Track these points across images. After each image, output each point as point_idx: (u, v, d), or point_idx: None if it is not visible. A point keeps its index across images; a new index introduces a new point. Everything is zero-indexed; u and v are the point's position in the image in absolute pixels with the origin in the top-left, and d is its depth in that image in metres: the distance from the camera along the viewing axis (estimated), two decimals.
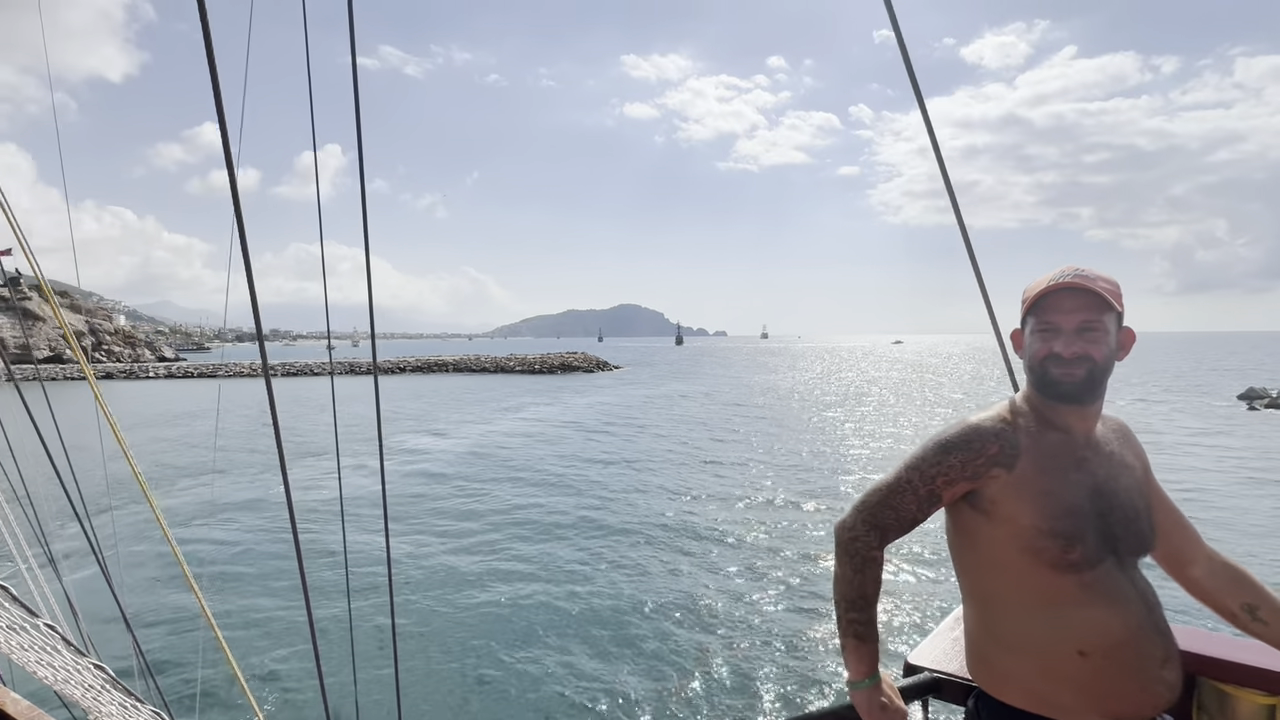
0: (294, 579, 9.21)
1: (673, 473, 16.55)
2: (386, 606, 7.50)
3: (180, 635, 7.68)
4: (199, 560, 10.18)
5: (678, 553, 10.41)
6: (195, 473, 17.63)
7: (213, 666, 6.68)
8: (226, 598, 8.85)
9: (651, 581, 9.18)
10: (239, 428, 25.82)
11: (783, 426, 25.21)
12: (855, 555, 1.23)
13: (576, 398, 39.04)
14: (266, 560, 10.39)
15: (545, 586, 8.97)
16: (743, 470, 16.78)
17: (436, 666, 6.94)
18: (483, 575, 9.51)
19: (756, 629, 7.61)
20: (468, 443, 22.18)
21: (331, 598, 8.35)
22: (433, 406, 34.91)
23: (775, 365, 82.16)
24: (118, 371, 68.31)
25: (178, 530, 11.99)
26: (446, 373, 67.30)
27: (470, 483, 15.85)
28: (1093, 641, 1.13)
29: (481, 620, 8.01)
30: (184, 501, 14.55)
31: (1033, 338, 1.21)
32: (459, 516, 12.74)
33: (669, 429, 24.84)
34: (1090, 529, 1.14)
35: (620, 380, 54.75)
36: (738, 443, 21.18)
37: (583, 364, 70.51)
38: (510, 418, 29.08)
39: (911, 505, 1.21)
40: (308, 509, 13.21)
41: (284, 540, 11.11)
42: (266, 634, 7.84)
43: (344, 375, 63.84)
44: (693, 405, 33.63)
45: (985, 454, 1.17)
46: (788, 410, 31.02)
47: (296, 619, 8.12)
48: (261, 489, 15.13)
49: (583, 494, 14.47)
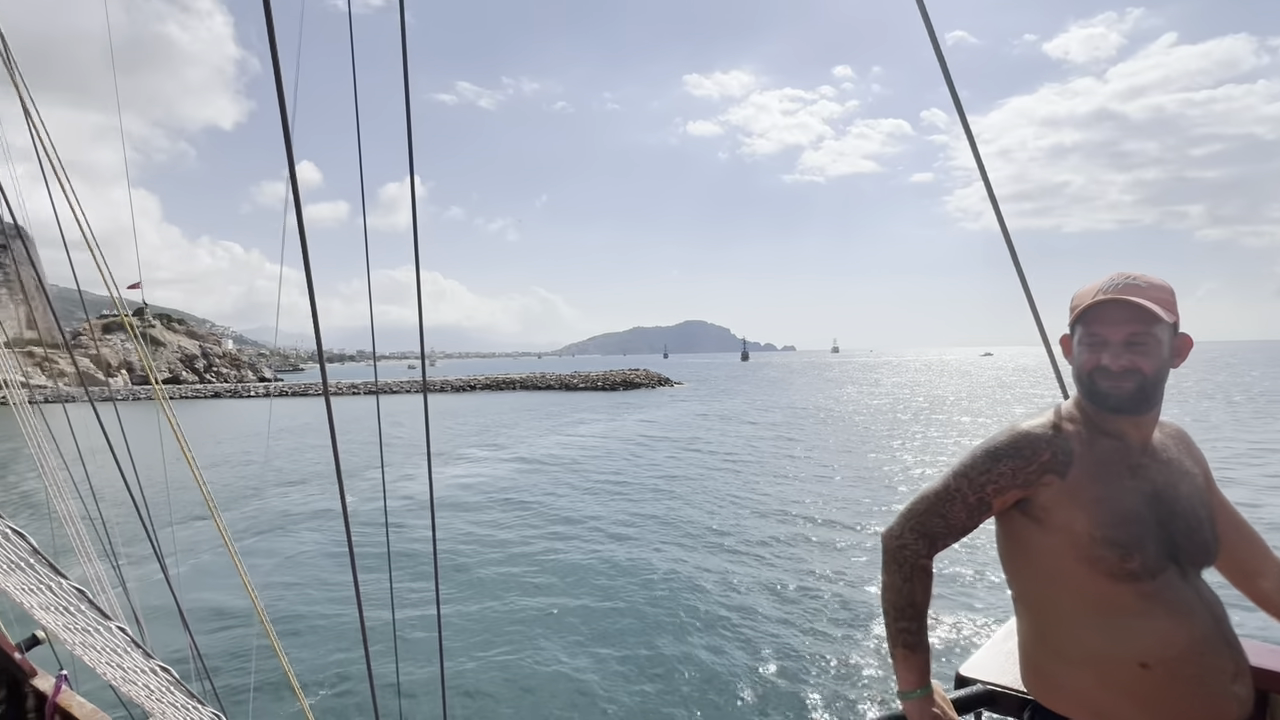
0: (348, 589, 9.72)
1: (720, 488, 16.69)
2: (434, 613, 8.16)
3: (235, 639, 8.09)
4: (258, 569, 10.76)
5: (720, 563, 10.52)
6: (275, 482, 19.43)
7: (266, 673, 6.87)
8: (281, 603, 9.41)
9: (696, 592, 9.26)
10: (317, 441, 28.12)
11: (840, 442, 24.72)
12: (904, 564, 1.22)
13: (634, 414, 39.64)
14: (322, 567, 11.15)
15: (583, 596, 9.18)
16: (786, 485, 16.74)
17: (481, 673, 7.14)
18: (522, 584, 9.94)
19: (805, 639, 7.62)
20: (521, 456, 23.13)
21: (380, 605, 8.93)
22: (494, 422, 36.39)
23: (843, 380, 79.91)
24: (225, 390, 75.12)
25: (246, 541, 13.15)
26: (514, 390, 69.81)
27: (520, 494, 16.62)
28: (1155, 653, 1.09)
29: (524, 628, 8.24)
30: (258, 509, 15.97)
31: (1080, 348, 1.18)
32: (504, 527, 13.39)
33: (718, 445, 24.91)
34: (1150, 537, 1.10)
35: (680, 397, 54.98)
36: (788, 459, 21.03)
37: (645, 380, 71.32)
38: (565, 433, 29.92)
39: (961, 513, 1.19)
40: (364, 520, 14.11)
41: (343, 549, 11.84)
42: (316, 637, 8.30)
43: (415, 394, 67.42)
44: (746, 421, 33.47)
45: (1037, 460, 1.15)
46: (846, 426, 30.31)
47: (346, 624, 8.50)
48: (331, 499, 16.52)
49: (628, 508, 14.92)
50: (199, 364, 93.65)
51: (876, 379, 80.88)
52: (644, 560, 10.80)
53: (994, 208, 1.95)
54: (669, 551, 11.33)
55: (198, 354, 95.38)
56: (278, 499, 17.21)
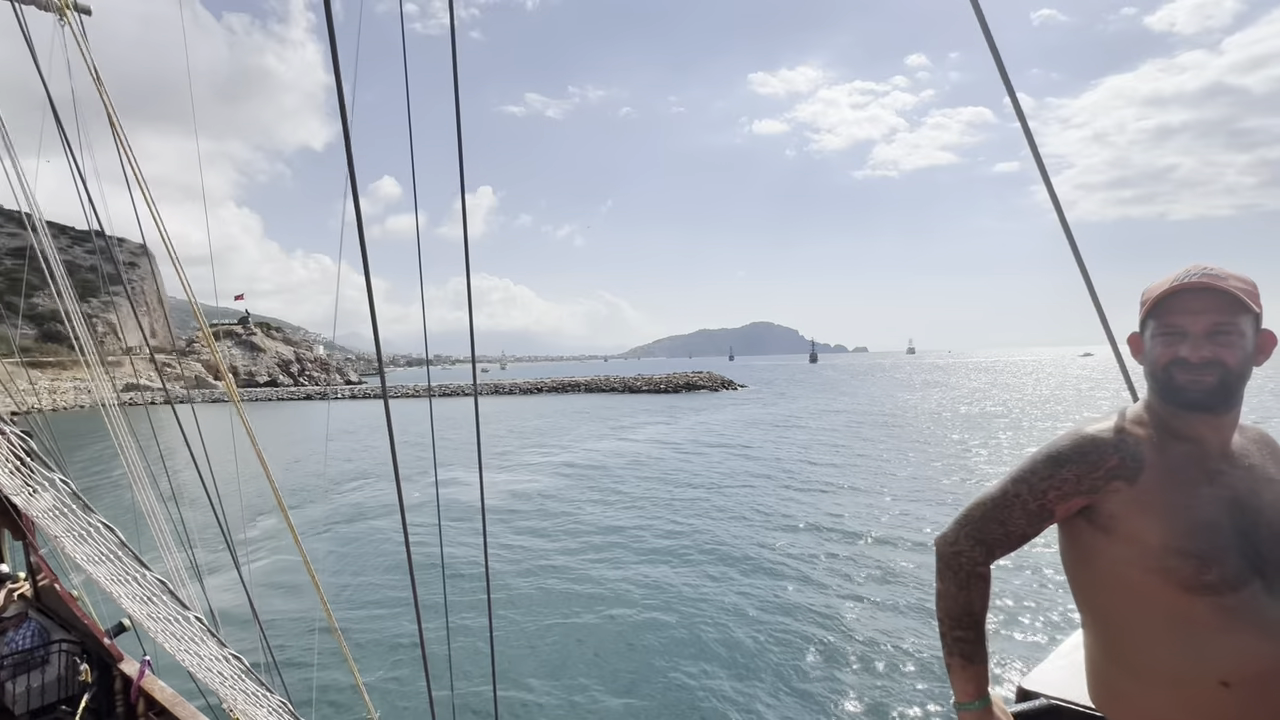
0: (406, 587, 9.90)
1: (763, 496, 16.74)
2: (492, 612, 8.66)
3: (299, 635, 8.41)
4: (325, 566, 11.20)
5: (758, 570, 10.57)
6: (344, 479, 21.12)
7: (327, 668, 7.10)
8: (345, 598, 9.88)
9: (740, 599, 9.18)
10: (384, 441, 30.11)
11: (902, 448, 24.13)
12: (959, 571, 1.19)
13: (691, 417, 39.91)
14: (383, 561, 11.80)
15: (623, 604, 9.24)
16: (832, 493, 16.66)
17: (533, 676, 7.26)
18: (564, 587, 10.23)
19: (854, 647, 7.55)
20: (572, 460, 23.91)
21: (438, 607, 8.83)
22: (554, 425, 37.59)
23: (916, 383, 76.86)
24: (315, 393, 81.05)
25: (316, 534, 14.16)
26: (579, 393, 71.55)
27: (565, 498, 17.32)
28: (1238, 672, 1.02)
29: (571, 629, 8.43)
30: (328, 504, 17.21)
31: (1154, 342, 1.11)
32: (544, 535, 13.80)
33: (770, 451, 24.82)
34: (1230, 548, 1.03)
35: (740, 400, 54.72)
36: (844, 466, 20.78)
37: (707, 383, 71.31)
38: (619, 437, 30.50)
39: (1020, 520, 1.15)
40: (422, 517, 14.80)
41: (420, 545, 12.54)
42: (378, 633, 8.62)
43: (488, 395, 70.36)
44: (804, 426, 33.08)
45: (1103, 466, 1.09)
46: (912, 431, 29.44)
47: (408, 624, 8.65)
48: (393, 495, 17.85)
49: (667, 514, 15.29)
50: (293, 368, 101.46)
51: (954, 380, 77.31)
52: (677, 569, 11.00)
53: (1052, 200, 1.80)
54: (704, 560, 11.50)
55: (292, 359, 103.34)
56: (346, 494, 18.56)
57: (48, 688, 4.54)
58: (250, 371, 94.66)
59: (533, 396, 68.52)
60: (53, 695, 4.52)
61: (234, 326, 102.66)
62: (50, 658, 4.64)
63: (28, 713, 4.51)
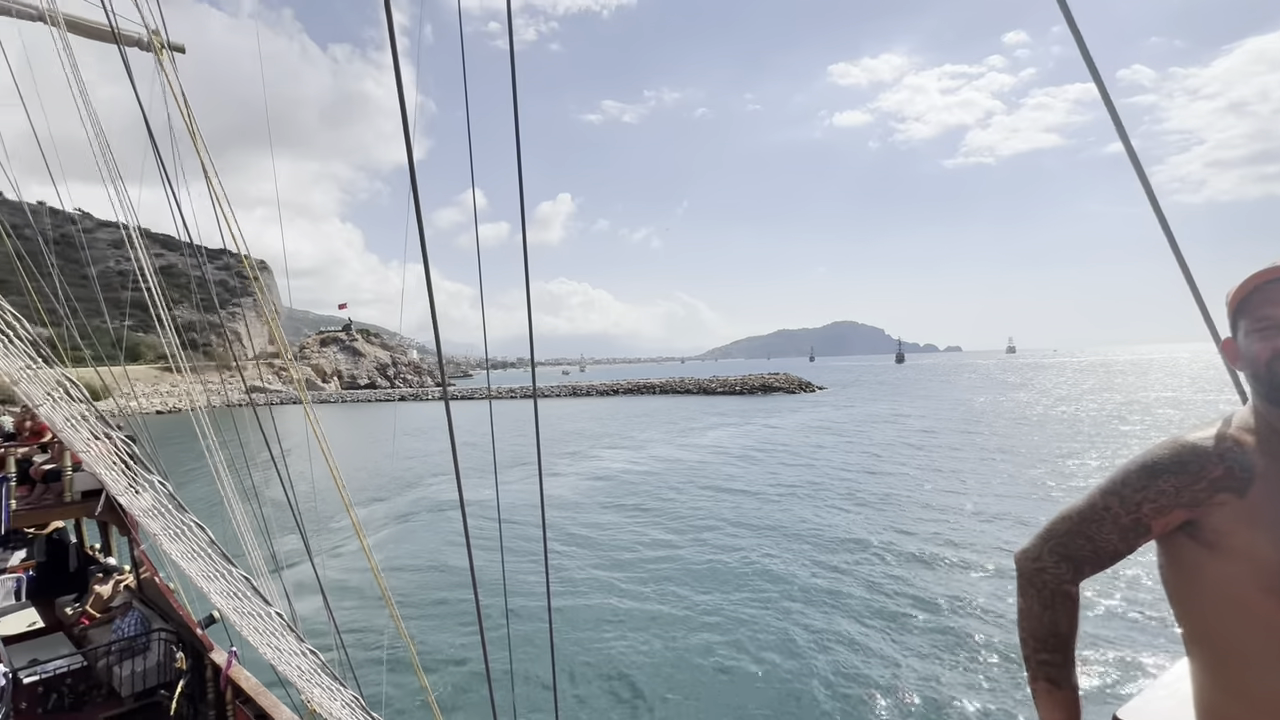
0: (470, 586, 10.89)
1: (830, 504, 16.65)
2: (555, 613, 8.42)
3: (371, 632, 8.77)
4: (393, 565, 11.69)
5: (818, 581, 10.56)
6: (417, 478, 22.84)
7: (396, 669, 7.37)
8: (411, 597, 10.30)
9: (793, 622, 9.04)
10: (468, 440, 32.07)
11: (988, 457, 23.12)
12: (1042, 588, 1.10)
13: (764, 419, 39.74)
14: (453, 563, 12.36)
15: (673, 616, 9.29)
16: (904, 505, 16.35)
17: (593, 678, 7.44)
18: (622, 584, 10.62)
19: (922, 665, 7.37)
20: (636, 460, 24.64)
21: (496, 593, 8.96)
22: (626, 426, 38.58)
23: (1011, 384, 72.08)
24: (408, 395, 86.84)
25: (391, 529, 15.02)
26: (653, 394, 72.58)
27: (629, 496, 18.10)
28: None
29: (630, 633, 8.61)
30: (402, 501, 18.45)
31: (1249, 340, 1.04)
32: (605, 528, 14.40)
33: (840, 457, 24.40)
34: None
35: (818, 402, 53.66)
36: (917, 474, 20.30)
37: (784, 385, 70.32)
38: (688, 439, 30.88)
39: (1112, 535, 1.07)
40: (486, 516, 15.55)
41: (485, 543, 12.41)
42: (443, 629, 8.99)
43: (569, 397, 72.78)
44: (883, 430, 32.19)
45: (1207, 477, 1.01)
46: (998, 437, 28.13)
47: (471, 622, 8.93)
48: (472, 494, 18.66)
49: (727, 515, 15.72)
50: (389, 371, 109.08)
51: (1055, 381, 71.91)
52: (737, 572, 11.26)
53: (1142, 182, 1.69)
54: (756, 570, 11.70)
55: (389, 363, 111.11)
56: (417, 492, 19.88)
57: (149, 672, 5.06)
58: (352, 374, 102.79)
59: (608, 398, 70.22)
60: (153, 680, 5.04)
61: (338, 333, 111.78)
62: (151, 645, 5.18)
63: (132, 695, 5.00)
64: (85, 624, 5.99)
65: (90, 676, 5.18)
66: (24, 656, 5.21)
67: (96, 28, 5.63)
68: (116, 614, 5.73)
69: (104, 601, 6.12)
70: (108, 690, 5.13)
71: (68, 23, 5.54)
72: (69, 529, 8.05)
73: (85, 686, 5.10)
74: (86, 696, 5.05)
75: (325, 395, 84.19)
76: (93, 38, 5.76)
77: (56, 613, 6.42)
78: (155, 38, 5.41)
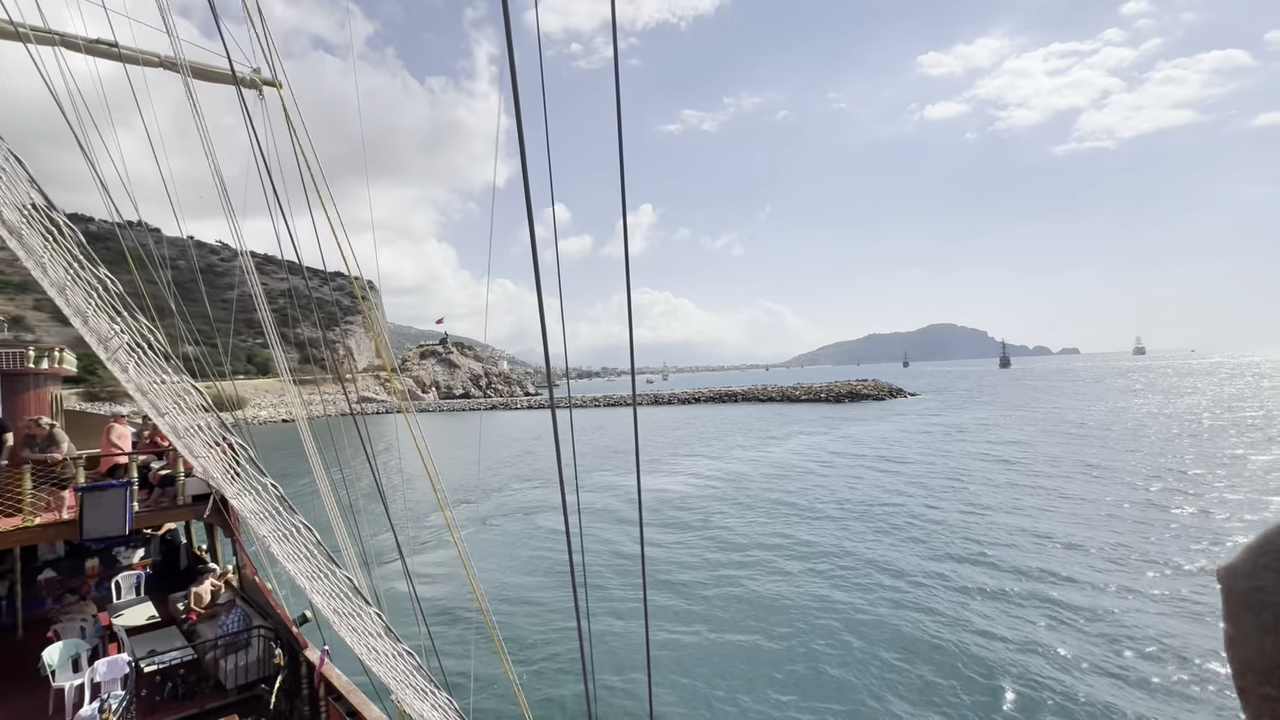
0: (558, 588, 10.90)
1: (907, 517, 16.10)
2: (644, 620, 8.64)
3: (459, 629, 8.94)
4: (483, 564, 12.07)
5: (897, 599, 10.27)
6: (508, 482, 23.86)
7: (486, 666, 7.52)
8: (503, 598, 10.63)
9: (875, 626, 8.97)
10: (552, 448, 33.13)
11: (1094, 468, 21.44)
12: (1262, 610, 0.91)
13: (848, 427, 38.47)
14: (546, 566, 12.76)
15: (750, 619, 9.33)
16: (990, 518, 15.56)
17: (688, 683, 7.52)
18: (712, 597, 10.65)
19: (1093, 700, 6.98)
20: (717, 468, 24.63)
21: (594, 613, 9.30)
22: (704, 432, 38.58)
23: (1136, 388, 65.31)
24: (500, 404, 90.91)
25: (479, 530, 15.70)
26: (735, 402, 71.76)
27: (689, 510, 18.04)
28: None
29: (727, 640, 8.70)
30: (492, 505, 19.43)
31: None
32: (659, 545, 14.42)
33: (927, 466, 23.34)
34: None
35: (909, 410, 51.09)
36: (1007, 486, 19.19)
37: (872, 392, 67.48)
38: (763, 449, 30.38)
39: None
40: (594, 514, 16.66)
41: (560, 549, 13.04)
42: (533, 631, 9.07)
43: (650, 405, 73.47)
44: (975, 439, 30.34)
45: None
46: (1110, 449, 25.80)
47: (561, 623, 9.08)
48: (553, 499, 19.56)
49: (793, 531, 15.46)
50: (482, 382, 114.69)
51: (1191, 386, 64.27)
52: (793, 590, 11.10)
53: None
54: (839, 576, 11.59)
55: (481, 374, 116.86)
56: (507, 496, 20.69)
57: (251, 667, 5.32)
58: (449, 385, 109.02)
59: (690, 406, 70.21)
60: (254, 674, 5.30)
61: (436, 347, 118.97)
62: (251, 641, 5.43)
63: (235, 687, 5.25)
64: (193, 618, 6.48)
65: (200, 668, 5.52)
66: (144, 647, 5.68)
67: (217, 72, 6.51)
68: (221, 610, 6.11)
69: (209, 599, 6.61)
70: (214, 682, 5.44)
71: (202, 72, 6.44)
72: (180, 530, 8.65)
73: (196, 677, 5.44)
74: (197, 687, 5.39)
75: (424, 405, 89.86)
76: (213, 80, 6.62)
77: (169, 607, 6.88)
78: (259, 78, 6.08)
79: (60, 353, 8.01)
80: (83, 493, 5.61)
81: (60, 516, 5.69)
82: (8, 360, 7.35)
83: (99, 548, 7.81)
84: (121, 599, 7.31)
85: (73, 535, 5.60)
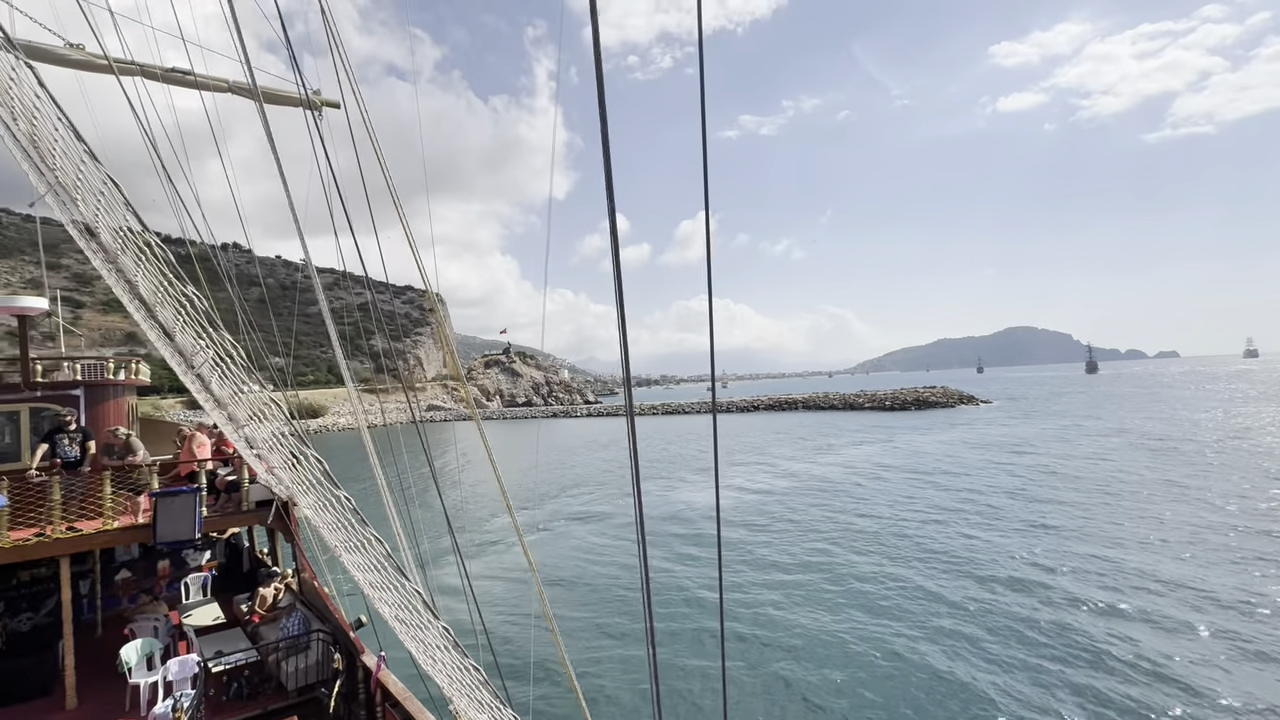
0: (621, 591, 10.87)
1: (956, 538, 15.26)
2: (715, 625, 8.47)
3: (519, 636, 8.90)
4: (545, 569, 12.11)
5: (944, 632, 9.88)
6: (564, 487, 24.03)
7: (546, 673, 7.49)
8: (563, 604, 10.60)
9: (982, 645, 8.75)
10: (615, 455, 33.33)
11: (1168, 484, 19.84)
12: None
13: (912, 436, 36.91)
14: (606, 572, 12.71)
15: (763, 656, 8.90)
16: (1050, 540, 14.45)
17: (760, 689, 7.52)
18: (760, 606, 10.54)
19: None
20: (747, 483, 23.81)
21: (660, 616, 9.21)
22: (760, 442, 37.77)
23: (1251, 395, 59.49)
24: (560, 412, 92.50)
25: (540, 536, 15.79)
26: (795, 410, 70.18)
27: (751, 519, 17.90)
28: None
29: (799, 650, 8.66)
30: (547, 511, 19.45)
31: None
32: (689, 560, 13.95)
33: (989, 479, 21.98)
34: None
35: (979, 418, 48.47)
36: (1075, 505, 17.96)
37: (940, 399, 64.49)
38: (815, 459, 29.34)
39: None
40: (659, 519, 16.56)
41: (628, 555, 13.00)
42: (596, 639, 9.00)
43: (704, 414, 72.86)
44: (1044, 451, 28.52)
45: None
46: (1197, 463, 23.61)
47: (625, 628, 9.03)
48: (624, 505, 19.59)
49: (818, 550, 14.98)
50: (543, 390, 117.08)
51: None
52: (839, 619, 10.48)
53: None
54: (896, 600, 11.26)
55: (543, 382, 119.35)
56: (561, 503, 20.73)
57: (310, 670, 5.38)
58: (511, 394, 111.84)
59: (749, 414, 69.17)
60: (313, 677, 5.37)
61: (499, 356, 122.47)
62: (311, 644, 5.52)
63: (296, 689, 5.30)
64: (256, 621, 6.64)
65: (262, 669, 5.64)
66: (211, 648, 5.86)
67: (289, 97, 6.82)
68: (282, 613, 6.24)
69: (270, 601, 6.80)
70: (275, 683, 5.55)
71: (273, 97, 6.79)
72: (243, 534, 8.92)
73: (259, 678, 5.56)
74: (260, 688, 5.50)
75: (489, 412, 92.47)
76: (283, 104, 6.95)
77: (234, 609, 7.08)
78: (317, 99, 6.27)
79: (136, 364, 8.42)
80: (156, 498, 5.85)
81: (136, 520, 5.94)
82: (90, 372, 7.79)
83: (170, 550, 8.12)
84: (190, 599, 7.61)
85: (147, 538, 5.81)
